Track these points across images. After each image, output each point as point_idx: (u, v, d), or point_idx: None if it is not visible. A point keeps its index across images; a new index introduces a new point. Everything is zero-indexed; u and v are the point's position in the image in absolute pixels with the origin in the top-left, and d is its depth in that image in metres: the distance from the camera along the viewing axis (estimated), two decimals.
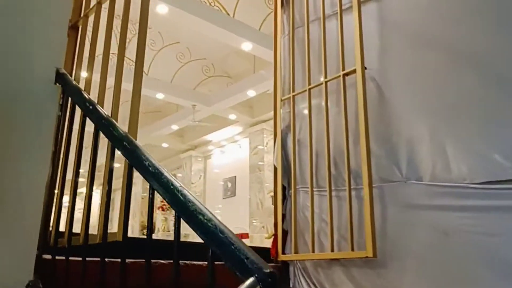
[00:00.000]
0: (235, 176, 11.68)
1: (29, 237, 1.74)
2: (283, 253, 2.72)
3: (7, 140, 1.74)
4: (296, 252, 2.59)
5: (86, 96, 1.64)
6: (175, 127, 11.43)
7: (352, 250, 2.28)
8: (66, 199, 1.79)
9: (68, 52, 2.08)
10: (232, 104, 9.86)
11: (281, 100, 2.95)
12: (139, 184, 15.18)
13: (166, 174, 1.14)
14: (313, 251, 2.49)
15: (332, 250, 2.38)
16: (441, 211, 2.07)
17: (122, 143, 1.32)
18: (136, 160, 1.24)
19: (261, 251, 3.26)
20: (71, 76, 2.03)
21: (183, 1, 6.60)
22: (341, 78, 2.49)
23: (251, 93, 9.16)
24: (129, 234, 1.48)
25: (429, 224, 2.11)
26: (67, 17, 1.95)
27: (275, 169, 2.93)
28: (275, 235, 2.80)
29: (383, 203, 2.29)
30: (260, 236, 7.99)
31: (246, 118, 10.62)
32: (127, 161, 1.27)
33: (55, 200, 1.81)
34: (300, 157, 2.78)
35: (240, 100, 9.62)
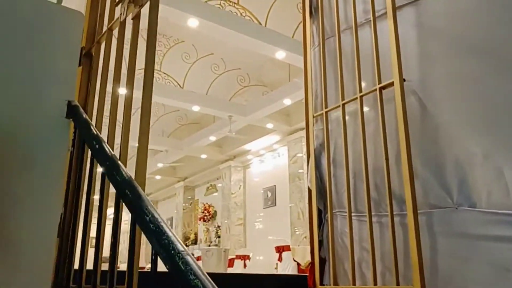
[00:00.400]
0: (274, 186, 11.49)
1: (41, 279, 1.66)
2: (322, 283, 2.50)
3: (16, 178, 1.65)
4: (335, 283, 2.37)
5: (94, 132, 1.51)
6: (213, 138, 11.39)
7: (398, 284, 2.05)
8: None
9: (83, 80, 1.97)
10: (269, 113, 9.69)
11: (313, 117, 2.74)
12: (180, 194, 15.26)
13: (169, 233, 0.97)
14: (354, 283, 2.27)
15: (375, 283, 2.15)
16: (500, 242, 1.80)
17: (124, 190, 1.16)
18: (138, 212, 1.08)
19: (299, 279, 3.06)
20: (85, 106, 1.91)
21: (213, 14, 6.51)
22: (377, 91, 2.26)
23: (287, 101, 8.97)
24: None
25: (486, 257, 1.84)
26: (78, 46, 1.85)
27: (310, 191, 2.72)
28: (312, 263, 2.59)
29: (431, 231, 2.04)
30: (303, 248, 7.71)
31: (284, 126, 10.42)
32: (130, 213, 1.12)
33: (68, 240, 1.70)
34: (336, 178, 2.56)
35: (277, 109, 9.43)
